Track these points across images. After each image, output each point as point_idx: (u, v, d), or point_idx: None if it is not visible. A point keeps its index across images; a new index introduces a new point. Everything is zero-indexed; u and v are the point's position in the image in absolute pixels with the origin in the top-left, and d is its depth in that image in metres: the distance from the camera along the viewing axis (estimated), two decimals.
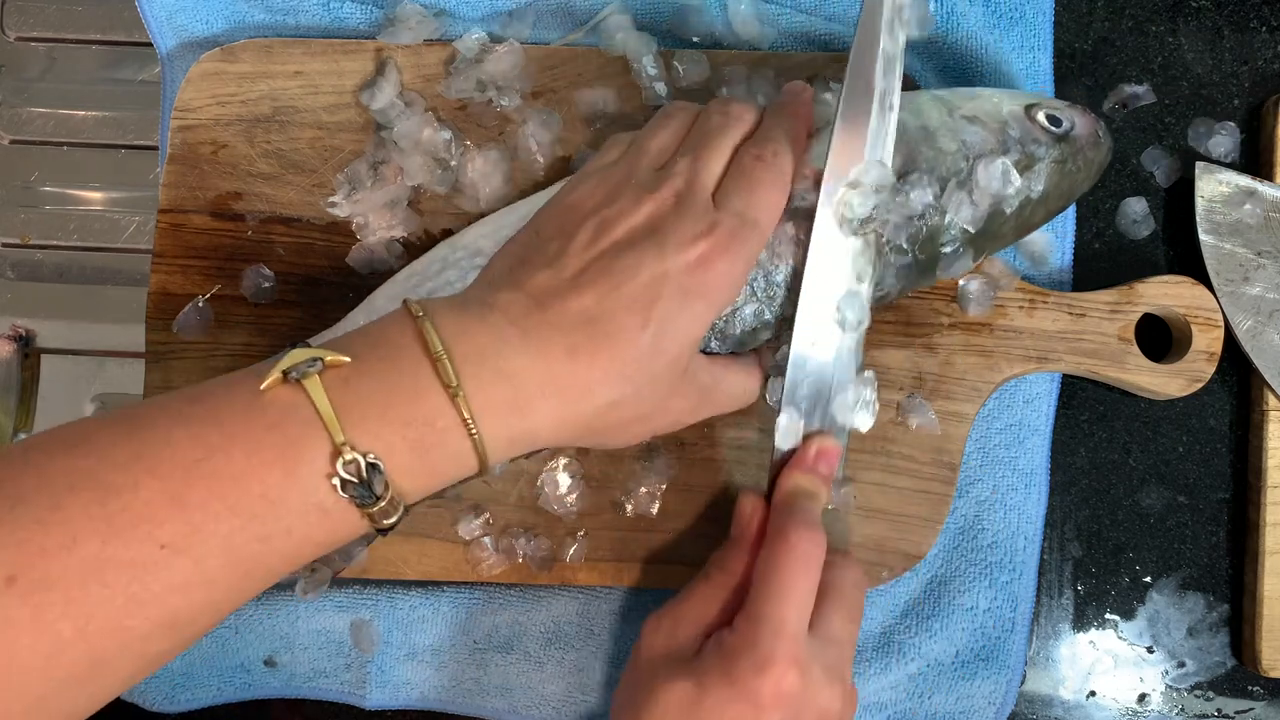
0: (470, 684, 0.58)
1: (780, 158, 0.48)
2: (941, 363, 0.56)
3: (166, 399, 0.41)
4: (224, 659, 0.57)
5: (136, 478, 0.38)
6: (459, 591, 0.58)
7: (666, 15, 0.60)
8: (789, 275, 0.50)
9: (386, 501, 0.40)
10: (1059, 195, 0.53)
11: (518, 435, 0.43)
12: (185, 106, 0.58)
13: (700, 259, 0.45)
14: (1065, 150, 0.52)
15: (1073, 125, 0.52)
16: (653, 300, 0.44)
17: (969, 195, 0.50)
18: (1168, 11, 0.63)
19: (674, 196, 0.47)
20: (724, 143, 0.49)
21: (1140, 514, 0.60)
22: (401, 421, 0.41)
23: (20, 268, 0.65)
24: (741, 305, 0.50)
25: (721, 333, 0.50)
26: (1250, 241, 0.58)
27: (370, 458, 0.40)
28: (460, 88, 0.57)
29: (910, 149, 0.50)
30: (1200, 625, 0.60)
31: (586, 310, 0.44)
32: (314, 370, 0.40)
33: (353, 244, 0.57)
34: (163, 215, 0.57)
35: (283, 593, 0.58)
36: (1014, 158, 0.51)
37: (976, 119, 0.51)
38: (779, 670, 0.44)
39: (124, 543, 0.37)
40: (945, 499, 0.56)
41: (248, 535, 0.39)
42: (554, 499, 0.55)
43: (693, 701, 0.45)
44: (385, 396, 0.41)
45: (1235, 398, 0.61)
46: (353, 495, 0.40)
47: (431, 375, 0.41)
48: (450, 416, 0.41)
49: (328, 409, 0.40)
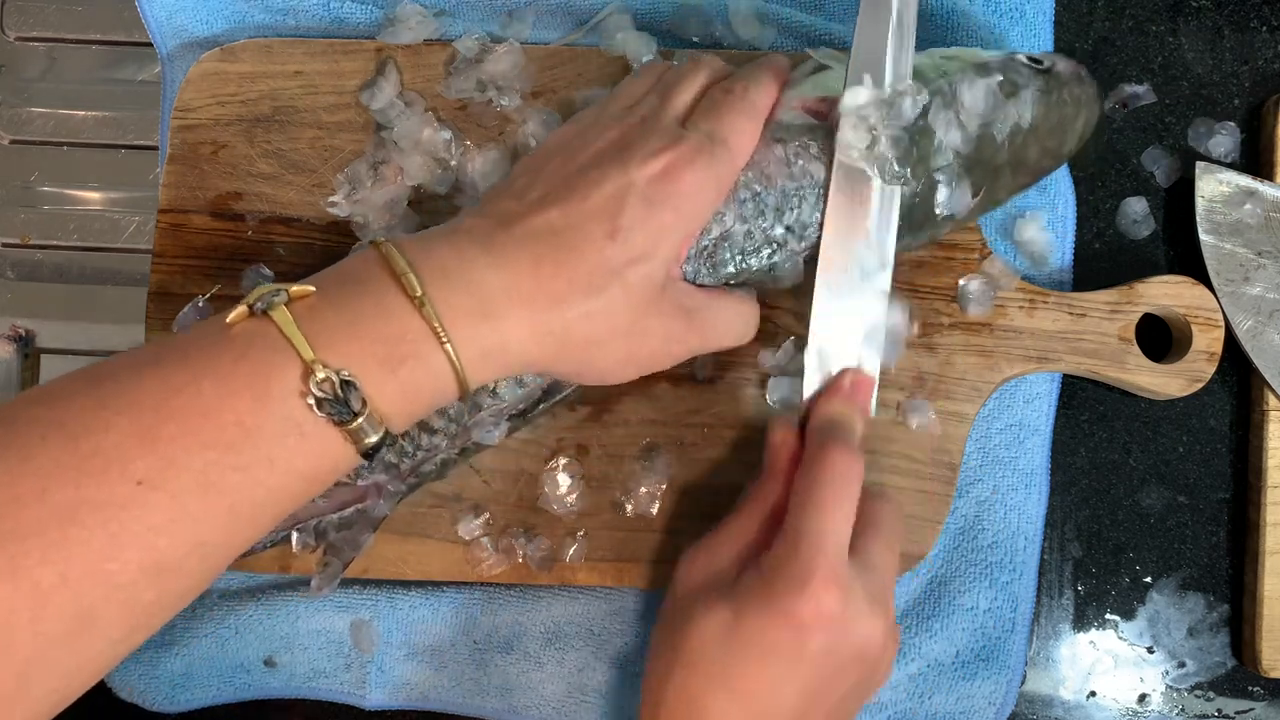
0: (470, 684, 0.58)
1: (750, 92, 0.49)
2: (941, 363, 0.56)
3: (134, 349, 0.41)
4: (224, 659, 0.57)
5: (106, 420, 0.37)
6: (459, 591, 0.58)
7: (666, 15, 0.60)
8: (779, 198, 0.50)
9: (364, 418, 0.40)
10: (1049, 130, 0.52)
11: (491, 347, 0.43)
12: (185, 106, 0.58)
13: (665, 169, 0.45)
14: (1049, 82, 0.52)
15: (1054, 64, 0.52)
16: (618, 210, 0.44)
17: (956, 115, 0.50)
18: (1168, 11, 0.63)
19: (640, 120, 0.47)
20: (694, 80, 0.50)
21: (1140, 514, 0.60)
22: (371, 339, 0.40)
23: (20, 268, 0.65)
24: (731, 227, 0.49)
25: (711, 258, 0.49)
26: (1250, 241, 0.58)
27: (344, 374, 0.39)
28: (460, 88, 0.57)
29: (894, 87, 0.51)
30: (1200, 625, 0.60)
31: (551, 223, 0.44)
32: (279, 300, 0.40)
33: (353, 244, 0.57)
34: (163, 215, 0.57)
35: (283, 593, 0.58)
36: (996, 79, 0.51)
37: (957, 58, 0.52)
38: (818, 586, 0.43)
39: (96, 484, 0.36)
40: (945, 499, 0.56)
41: (225, 466, 0.38)
42: (554, 499, 0.55)
43: (730, 627, 0.44)
44: (353, 317, 0.41)
45: (1235, 398, 0.61)
46: (329, 413, 0.39)
47: (398, 293, 0.41)
48: (419, 328, 0.41)
49: (295, 332, 0.39)
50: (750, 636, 0.44)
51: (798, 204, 0.50)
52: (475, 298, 0.42)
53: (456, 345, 0.42)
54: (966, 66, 0.51)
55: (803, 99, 0.51)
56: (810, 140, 0.50)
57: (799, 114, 0.50)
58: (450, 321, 0.41)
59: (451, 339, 0.41)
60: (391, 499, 0.54)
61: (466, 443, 0.53)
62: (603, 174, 0.45)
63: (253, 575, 0.58)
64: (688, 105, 0.49)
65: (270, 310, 0.40)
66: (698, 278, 0.50)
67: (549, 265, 0.43)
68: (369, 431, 0.40)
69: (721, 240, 0.49)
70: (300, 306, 0.41)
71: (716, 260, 0.50)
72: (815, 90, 0.51)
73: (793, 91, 0.51)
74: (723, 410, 0.56)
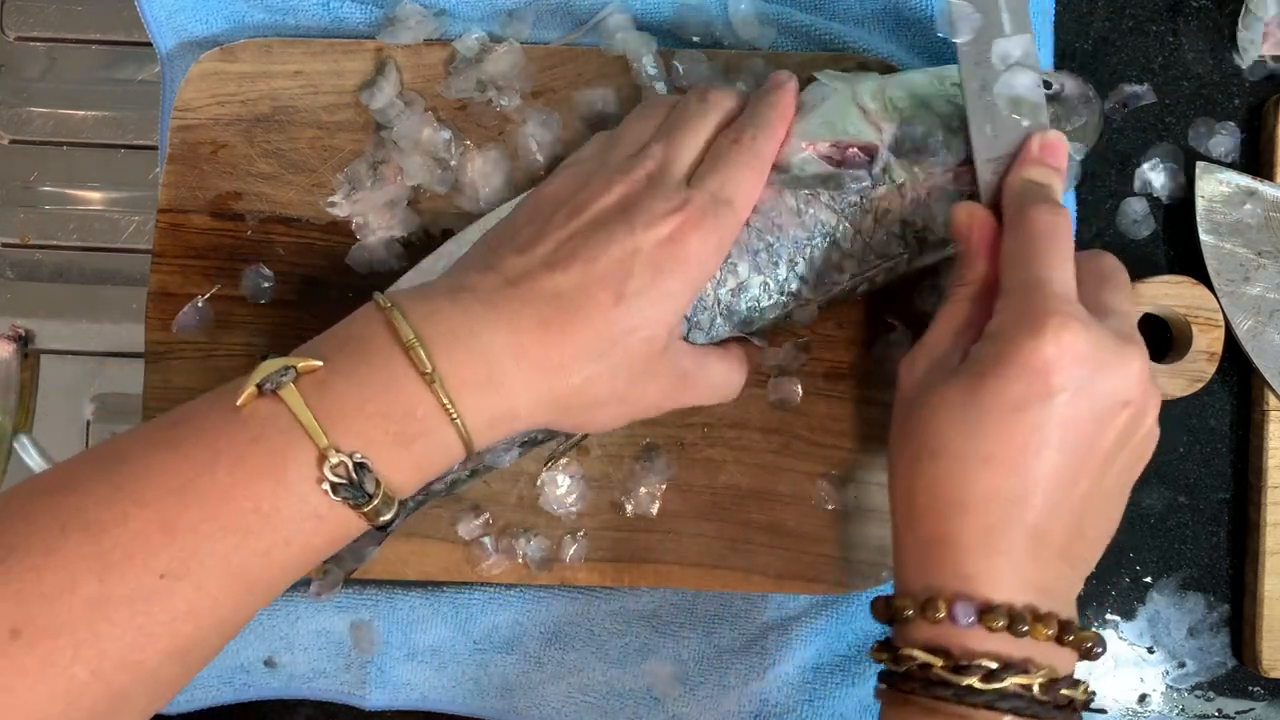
0: (470, 684, 0.58)
1: (759, 142, 0.48)
2: None
3: (144, 427, 0.41)
4: (223, 659, 0.57)
5: (124, 510, 0.38)
6: (459, 591, 0.58)
7: (666, 15, 0.60)
8: (792, 248, 0.50)
9: (380, 499, 0.40)
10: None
11: (498, 415, 0.43)
12: (185, 106, 0.58)
13: (672, 235, 0.45)
14: (1058, 110, 0.52)
15: (1063, 87, 0.52)
16: (625, 276, 0.44)
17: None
18: (1168, 11, 0.62)
19: (646, 177, 0.47)
20: (700, 126, 0.49)
21: (1140, 514, 0.60)
22: (382, 415, 0.41)
23: (20, 268, 0.65)
24: (746, 279, 0.50)
25: (729, 309, 0.50)
26: (1251, 241, 0.58)
27: (357, 457, 0.40)
28: (460, 88, 0.57)
29: (905, 117, 0.51)
30: (1200, 625, 0.60)
31: (558, 286, 0.44)
32: (287, 379, 0.40)
33: (353, 244, 0.57)
34: (162, 215, 0.57)
35: (283, 593, 0.57)
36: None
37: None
38: (1056, 324, 0.40)
39: (121, 577, 0.37)
40: None
41: (246, 552, 0.39)
42: (554, 499, 0.55)
43: (969, 397, 0.41)
44: (361, 392, 0.41)
45: (1236, 398, 0.60)
46: (345, 497, 0.40)
47: (406, 364, 0.41)
48: (429, 403, 0.41)
49: (307, 415, 0.39)
50: (993, 400, 0.41)
51: (809, 252, 0.50)
52: (484, 366, 0.42)
53: (465, 417, 0.42)
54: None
55: (813, 142, 0.50)
56: (821, 189, 0.50)
57: (810, 157, 0.50)
58: (459, 394, 0.41)
59: (461, 413, 0.41)
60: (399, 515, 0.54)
61: (478, 465, 0.53)
62: (609, 235, 0.44)
63: None
64: (694, 158, 0.48)
65: (279, 390, 0.40)
66: (713, 328, 0.50)
67: (556, 330, 0.43)
68: (383, 510, 0.41)
69: (738, 290, 0.50)
70: (308, 382, 0.40)
71: (734, 311, 0.50)
72: (824, 129, 0.50)
73: (802, 126, 0.51)
74: (723, 410, 0.56)
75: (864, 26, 0.60)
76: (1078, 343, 0.40)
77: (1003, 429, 0.41)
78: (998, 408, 0.41)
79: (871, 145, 0.50)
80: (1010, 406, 0.41)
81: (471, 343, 0.42)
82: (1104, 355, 0.41)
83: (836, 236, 0.50)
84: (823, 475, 0.56)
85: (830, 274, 0.51)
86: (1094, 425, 0.41)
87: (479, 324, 0.43)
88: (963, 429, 0.42)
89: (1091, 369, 0.41)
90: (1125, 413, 0.42)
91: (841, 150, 0.50)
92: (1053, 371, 0.40)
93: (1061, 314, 0.41)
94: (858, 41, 0.59)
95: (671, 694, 0.57)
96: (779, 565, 0.56)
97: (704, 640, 0.58)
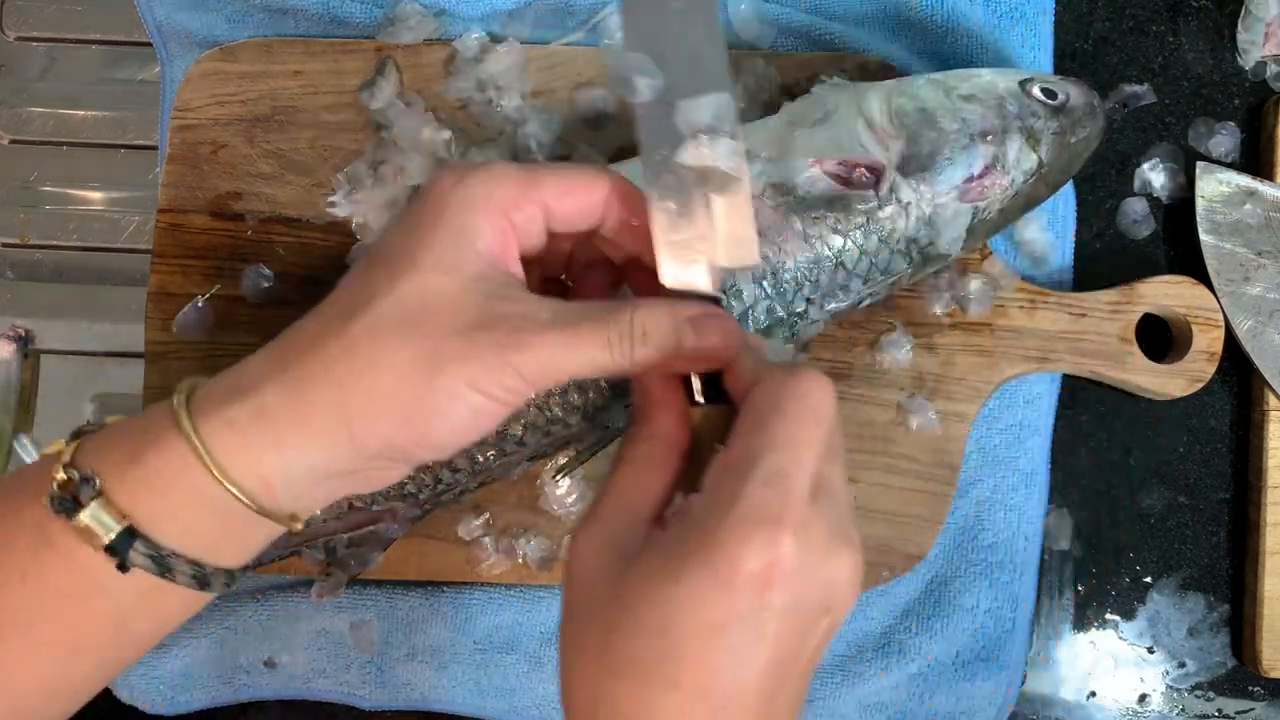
0: (470, 684, 0.58)
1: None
2: (942, 363, 0.56)
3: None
4: (223, 659, 0.57)
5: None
6: (459, 592, 0.58)
7: None
8: (799, 272, 0.50)
9: (92, 509, 0.37)
10: (1060, 168, 0.53)
11: (269, 473, 0.38)
12: (185, 106, 0.58)
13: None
14: (1063, 123, 0.52)
15: (1068, 97, 0.52)
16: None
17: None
18: (1168, 11, 0.62)
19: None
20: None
21: (1140, 514, 0.60)
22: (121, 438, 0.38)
23: (20, 268, 0.65)
24: (753, 303, 0.50)
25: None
26: (1250, 241, 0.58)
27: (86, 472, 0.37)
28: (460, 88, 0.57)
29: (912, 133, 0.50)
30: (1200, 625, 0.60)
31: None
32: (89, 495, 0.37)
33: (353, 244, 0.57)
34: (162, 215, 0.57)
35: (283, 593, 0.58)
36: (1017, 143, 0.51)
37: (974, 97, 0.51)
38: (774, 535, 0.33)
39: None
40: (945, 499, 0.56)
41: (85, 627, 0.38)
42: (554, 499, 0.55)
43: (660, 604, 0.34)
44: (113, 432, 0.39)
45: (1235, 398, 0.60)
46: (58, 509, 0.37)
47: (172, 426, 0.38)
48: (164, 415, 0.38)
49: (60, 443, 0.38)
50: (688, 619, 0.33)
51: (816, 275, 0.50)
52: (262, 426, 0.37)
53: (201, 428, 0.37)
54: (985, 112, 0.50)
55: (820, 160, 0.50)
56: (828, 212, 0.49)
57: (816, 176, 0.50)
58: (197, 409, 0.38)
59: (196, 424, 0.37)
60: (406, 523, 0.54)
61: (487, 477, 0.53)
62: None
63: (253, 576, 0.58)
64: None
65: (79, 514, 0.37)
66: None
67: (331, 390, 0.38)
68: (107, 528, 0.37)
69: (744, 316, 0.50)
70: (107, 462, 0.38)
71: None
72: (831, 146, 0.50)
73: (807, 142, 0.50)
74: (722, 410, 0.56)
75: (864, 26, 0.60)
76: (796, 558, 0.34)
77: (697, 654, 0.34)
78: (693, 628, 0.34)
79: (878, 164, 0.50)
80: (707, 627, 0.34)
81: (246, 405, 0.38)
82: (818, 567, 0.35)
83: (843, 259, 0.50)
84: None
85: (836, 294, 0.51)
86: (798, 640, 0.35)
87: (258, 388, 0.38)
88: (651, 646, 0.34)
89: (803, 584, 0.34)
90: (827, 620, 0.36)
91: (848, 169, 0.50)
92: (762, 590, 0.33)
93: (783, 523, 0.34)
94: (858, 41, 0.59)
95: None
96: None
97: None
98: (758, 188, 0.49)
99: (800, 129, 0.51)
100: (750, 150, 0.49)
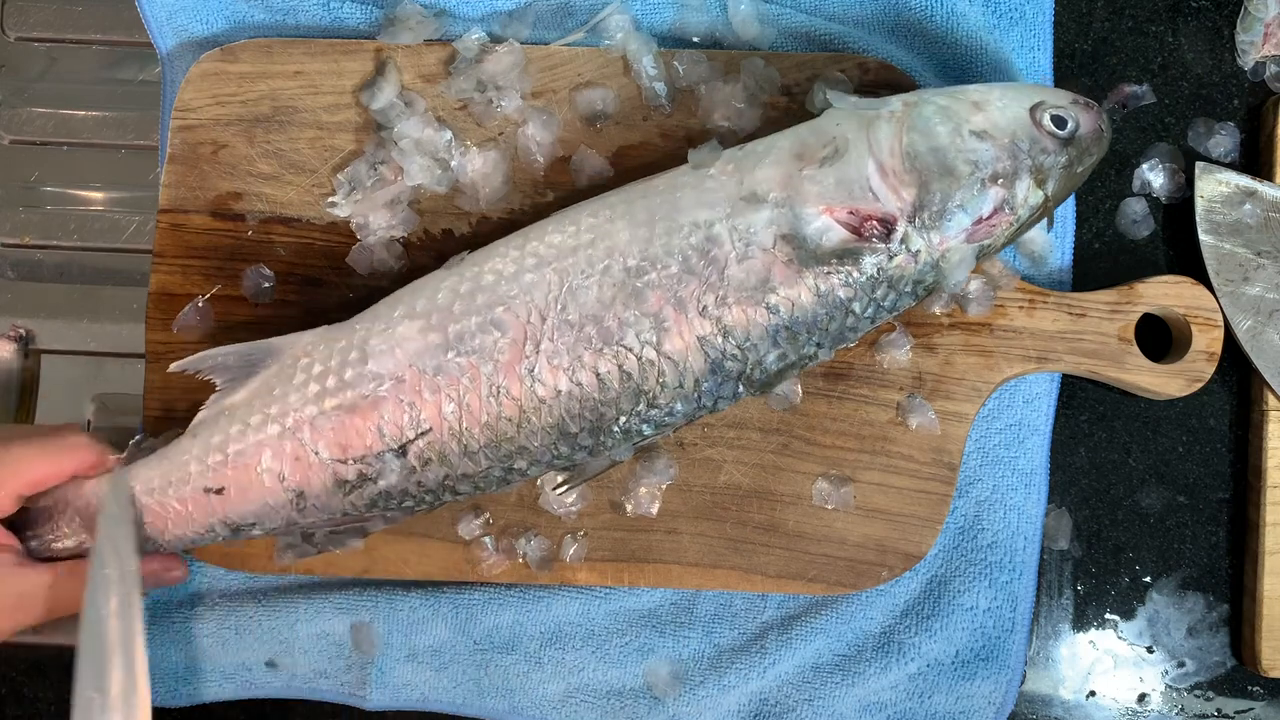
0: (470, 684, 0.58)
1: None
2: (941, 363, 0.56)
3: None
4: (225, 657, 0.57)
5: None
6: (459, 592, 0.58)
7: (667, 15, 0.60)
8: (812, 324, 0.50)
9: None
10: (1063, 193, 0.53)
11: None
12: (185, 106, 0.58)
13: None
14: (1071, 155, 0.51)
15: (1077, 125, 0.51)
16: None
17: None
18: (1168, 11, 0.63)
19: None
20: None
21: (1140, 514, 0.60)
22: None
23: (20, 268, 0.65)
24: (763, 356, 0.50)
25: (748, 379, 0.50)
26: (1250, 241, 0.58)
27: None
28: (460, 88, 0.57)
29: (924, 179, 0.49)
30: (1200, 625, 0.60)
31: None
32: None
33: (353, 244, 0.57)
34: (163, 215, 0.57)
35: (283, 595, 0.58)
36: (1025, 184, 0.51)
37: (985, 134, 0.50)
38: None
39: None
40: (945, 499, 0.56)
41: None
42: (554, 499, 0.55)
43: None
44: None
45: (1235, 398, 0.61)
46: None
47: None
48: None
49: None
50: None
51: (829, 325, 0.50)
52: None
53: None
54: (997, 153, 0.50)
55: (830, 207, 0.50)
56: (840, 266, 0.49)
57: (827, 225, 0.49)
58: None
59: None
60: (390, 521, 0.54)
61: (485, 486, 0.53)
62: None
63: (253, 576, 0.58)
64: None
65: None
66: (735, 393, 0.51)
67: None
68: None
69: (758, 365, 0.50)
70: None
71: (753, 381, 0.51)
72: (841, 191, 0.50)
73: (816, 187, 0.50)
74: (723, 410, 0.56)
75: (864, 26, 0.60)
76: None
77: None
78: None
79: (890, 217, 0.49)
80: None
81: None
82: None
83: (853, 308, 0.50)
84: (822, 475, 0.56)
85: (845, 336, 0.51)
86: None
87: None
88: None
89: None
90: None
91: (860, 219, 0.49)
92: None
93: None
94: (858, 41, 0.59)
95: (671, 694, 0.57)
96: (778, 565, 0.56)
97: (704, 640, 0.58)
98: (769, 239, 0.49)
99: (808, 168, 0.50)
100: (756, 192, 0.50)
